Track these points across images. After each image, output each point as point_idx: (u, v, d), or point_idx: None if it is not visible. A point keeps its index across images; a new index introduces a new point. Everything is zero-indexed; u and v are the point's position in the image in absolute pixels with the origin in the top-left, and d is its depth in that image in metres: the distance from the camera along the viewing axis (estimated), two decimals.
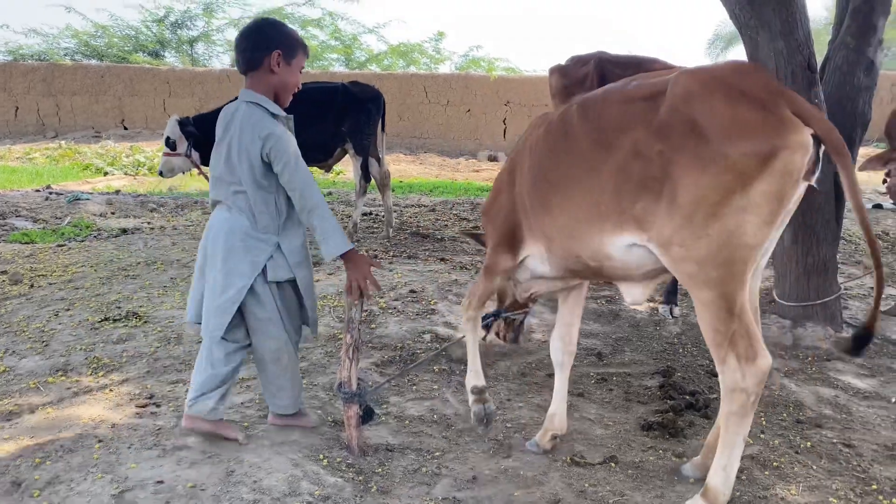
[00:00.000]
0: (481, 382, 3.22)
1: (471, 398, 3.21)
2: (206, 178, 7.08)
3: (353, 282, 2.97)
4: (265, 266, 3.00)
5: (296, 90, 3.09)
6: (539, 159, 2.92)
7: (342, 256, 2.96)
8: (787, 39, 4.25)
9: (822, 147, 2.34)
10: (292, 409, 3.27)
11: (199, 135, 6.78)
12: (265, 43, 2.97)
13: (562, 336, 3.25)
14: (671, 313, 5.15)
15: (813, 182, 2.36)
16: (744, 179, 2.27)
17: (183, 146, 6.87)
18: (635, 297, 2.91)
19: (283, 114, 3.04)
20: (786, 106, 2.30)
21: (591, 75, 6.02)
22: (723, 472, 2.51)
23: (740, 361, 2.40)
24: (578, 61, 6.35)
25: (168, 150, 6.93)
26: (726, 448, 2.50)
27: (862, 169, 4.92)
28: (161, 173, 7.09)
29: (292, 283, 3.12)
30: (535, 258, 3.07)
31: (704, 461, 2.90)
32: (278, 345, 3.14)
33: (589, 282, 3.27)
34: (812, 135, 2.29)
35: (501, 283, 3.47)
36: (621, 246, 2.62)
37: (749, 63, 2.54)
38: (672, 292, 5.27)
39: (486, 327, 3.85)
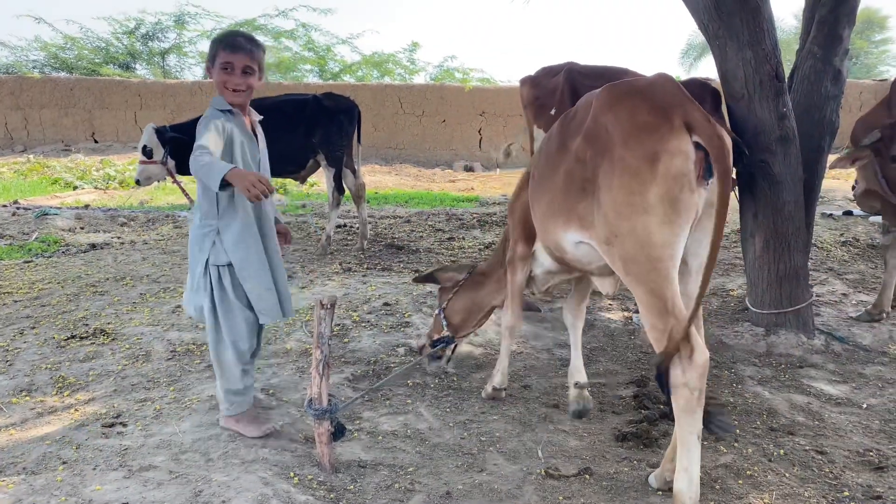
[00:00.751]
0: (505, 383, 3.86)
1: (488, 391, 3.85)
2: (181, 187, 7.00)
3: (244, 193, 2.78)
4: (210, 253, 3.19)
5: (235, 87, 3.15)
6: (536, 160, 3.29)
7: (228, 183, 2.80)
8: (755, 49, 4.29)
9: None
10: (224, 413, 3.35)
11: (177, 142, 6.70)
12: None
13: (570, 306, 3.80)
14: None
15: (705, 187, 2.52)
16: (641, 182, 2.48)
17: (159, 154, 6.80)
18: (605, 288, 3.23)
19: (229, 108, 3.18)
20: (679, 116, 2.48)
21: (560, 86, 6.06)
22: (685, 474, 2.54)
23: (680, 358, 2.48)
24: (549, 72, 6.40)
25: (144, 159, 6.85)
26: (683, 448, 2.54)
27: (832, 167, 4.98)
28: (138, 182, 6.99)
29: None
30: (542, 251, 3.41)
31: (663, 472, 2.94)
32: (212, 337, 3.28)
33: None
34: (696, 143, 2.47)
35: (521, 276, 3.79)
36: (571, 242, 2.91)
37: (666, 76, 2.73)
38: None
39: (437, 350, 4.15)
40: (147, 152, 6.79)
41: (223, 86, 3.15)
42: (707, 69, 34.59)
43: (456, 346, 4.19)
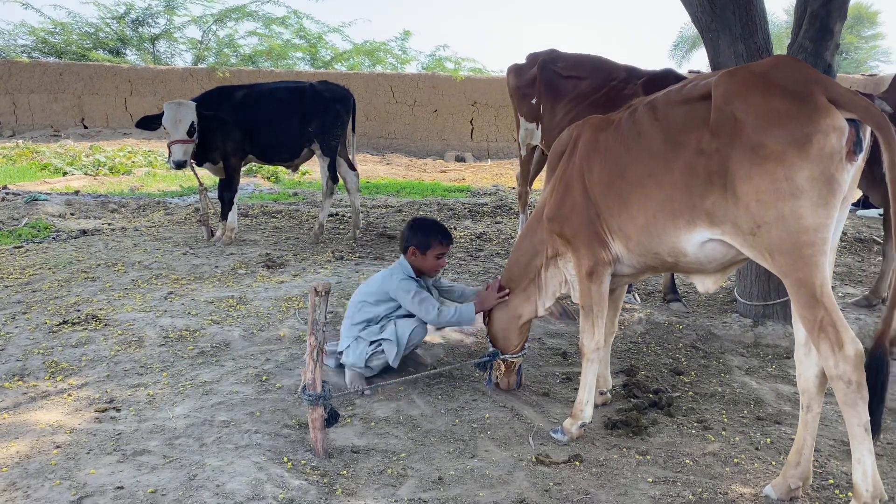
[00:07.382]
0: (588, 418, 3.32)
1: (574, 428, 3.30)
2: (194, 170, 6.97)
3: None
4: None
5: (440, 269, 4.12)
6: (614, 160, 3.03)
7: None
8: (748, 43, 4.33)
9: (864, 129, 2.42)
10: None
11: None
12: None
13: (609, 320, 3.54)
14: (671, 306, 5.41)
15: (858, 161, 2.43)
16: (786, 166, 2.40)
17: (194, 132, 6.60)
18: (707, 287, 3.03)
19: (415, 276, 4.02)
20: (820, 93, 2.41)
21: (536, 76, 6.13)
22: (860, 466, 2.50)
23: (833, 349, 2.45)
24: (532, 61, 6.45)
25: (185, 138, 6.53)
26: (854, 441, 2.50)
27: None
28: (180, 165, 6.59)
29: None
30: (625, 257, 3.16)
31: (785, 480, 2.81)
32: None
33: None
34: (849, 118, 2.39)
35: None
36: (696, 242, 2.76)
37: (787, 57, 2.70)
38: (672, 289, 5.52)
39: (484, 367, 3.84)
40: (191, 131, 6.55)
41: (434, 269, 3.97)
42: (699, 62, 34.66)
43: (507, 362, 3.76)
